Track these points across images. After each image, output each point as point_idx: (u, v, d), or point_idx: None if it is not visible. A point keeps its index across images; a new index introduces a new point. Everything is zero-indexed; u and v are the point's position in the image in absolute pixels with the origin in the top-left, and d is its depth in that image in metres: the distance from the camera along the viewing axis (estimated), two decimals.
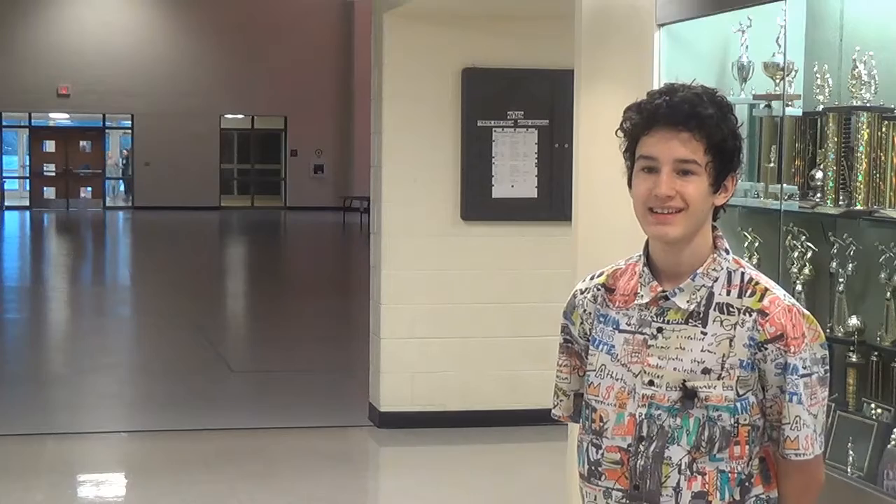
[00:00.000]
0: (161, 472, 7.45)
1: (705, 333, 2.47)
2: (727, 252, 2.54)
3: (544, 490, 6.82)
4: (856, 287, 4.13)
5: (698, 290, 2.49)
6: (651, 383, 2.50)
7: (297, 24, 34.70)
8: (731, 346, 2.46)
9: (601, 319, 2.60)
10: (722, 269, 2.51)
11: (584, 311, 2.64)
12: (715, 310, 2.48)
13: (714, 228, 2.55)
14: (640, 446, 2.49)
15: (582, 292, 2.66)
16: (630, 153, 2.50)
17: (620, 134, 2.51)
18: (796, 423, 2.46)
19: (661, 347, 2.50)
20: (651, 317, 2.52)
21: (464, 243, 8.33)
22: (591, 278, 2.67)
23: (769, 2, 4.07)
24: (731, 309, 2.48)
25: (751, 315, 2.46)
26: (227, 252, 25.61)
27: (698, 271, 2.50)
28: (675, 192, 2.43)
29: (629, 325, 2.55)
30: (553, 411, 2.76)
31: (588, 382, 2.60)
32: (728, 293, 2.49)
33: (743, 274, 2.51)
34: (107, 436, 8.45)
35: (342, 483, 7.41)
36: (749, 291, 2.49)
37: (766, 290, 2.49)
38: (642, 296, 2.53)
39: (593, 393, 2.58)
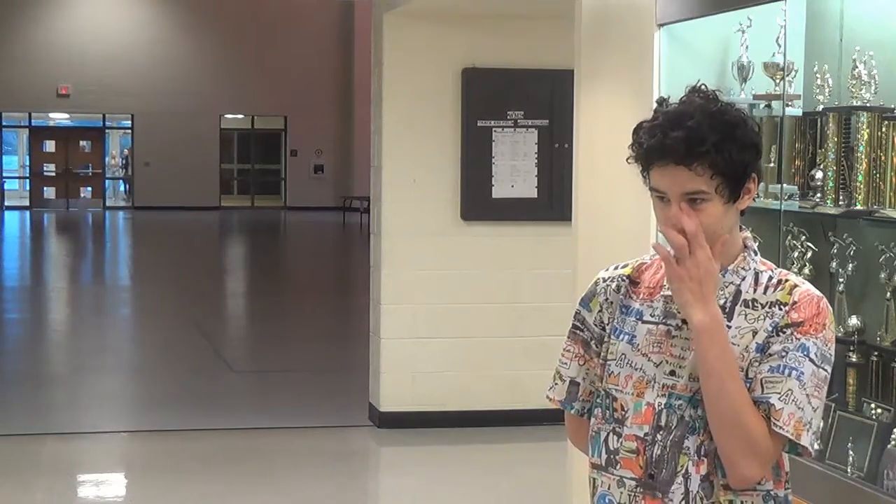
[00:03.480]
0: (161, 472, 7.45)
1: (730, 327, 2.48)
2: (755, 253, 2.57)
3: (544, 490, 6.82)
4: (856, 287, 4.13)
5: (726, 287, 2.51)
6: (672, 373, 2.51)
7: (297, 24, 34.68)
8: (753, 337, 2.47)
9: (623, 310, 2.61)
10: (749, 269, 2.53)
11: (606, 299, 2.64)
12: (741, 305, 2.50)
13: (742, 229, 2.56)
14: (658, 435, 2.50)
15: (605, 280, 2.67)
16: (646, 174, 2.51)
17: (632, 160, 2.52)
18: (787, 396, 2.41)
19: (685, 339, 2.50)
20: (676, 309, 2.52)
21: (464, 243, 8.33)
22: (616, 268, 2.68)
23: (769, 2, 4.07)
24: (756, 304, 2.50)
25: (781, 308, 2.48)
26: (227, 252, 25.62)
27: (729, 268, 2.52)
28: None
29: (653, 315, 2.56)
30: (547, 392, 2.75)
31: (608, 372, 2.60)
32: (755, 290, 2.51)
33: (771, 276, 2.53)
34: (107, 436, 8.44)
35: (342, 483, 7.41)
36: (779, 288, 2.51)
37: (796, 285, 2.52)
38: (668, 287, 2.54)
39: (613, 382, 2.59)
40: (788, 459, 2.56)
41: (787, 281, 2.52)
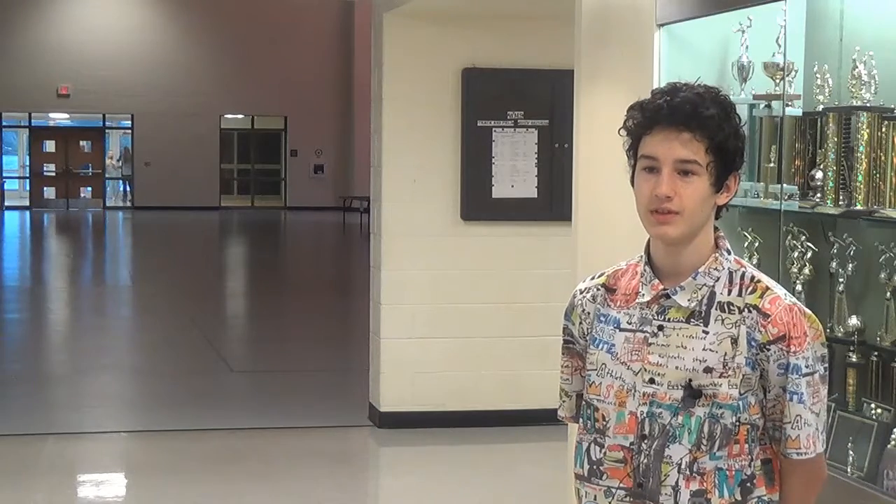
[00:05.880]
0: (161, 472, 7.45)
1: (707, 332, 2.48)
2: (728, 252, 2.55)
3: (544, 490, 6.83)
4: (856, 287, 4.13)
5: (699, 289, 2.50)
6: (652, 381, 2.50)
7: (296, 24, 34.70)
8: (734, 345, 2.47)
9: (601, 319, 2.61)
10: (723, 269, 2.52)
11: (584, 310, 2.65)
12: (717, 309, 2.49)
13: (716, 229, 2.56)
14: (643, 444, 2.50)
15: (581, 292, 2.68)
16: (633, 151, 2.51)
17: (623, 132, 2.52)
18: (797, 422, 2.48)
19: (662, 345, 2.50)
20: (652, 315, 2.53)
21: (464, 243, 8.33)
22: (592, 279, 2.69)
23: (769, 2, 4.07)
24: (731, 307, 2.49)
25: (751, 312, 2.47)
26: (227, 252, 25.61)
27: (699, 270, 2.51)
28: (675, 193, 2.44)
29: (630, 323, 2.55)
30: (558, 412, 2.78)
31: (589, 382, 2.61)
32: (729, 292, 2.50)
33: (744, 274, 2.53)
34: (107, 436, 8.44)
35: (342, 483, 7.41)
36: (750, 289, 2.50)
37: (767, 288, 2.50)
38: (643, 294, 2.54)
39: (594, 392, 2.59)
40: (779, 459, 2.56)
41: (758, 282, 2.52)
